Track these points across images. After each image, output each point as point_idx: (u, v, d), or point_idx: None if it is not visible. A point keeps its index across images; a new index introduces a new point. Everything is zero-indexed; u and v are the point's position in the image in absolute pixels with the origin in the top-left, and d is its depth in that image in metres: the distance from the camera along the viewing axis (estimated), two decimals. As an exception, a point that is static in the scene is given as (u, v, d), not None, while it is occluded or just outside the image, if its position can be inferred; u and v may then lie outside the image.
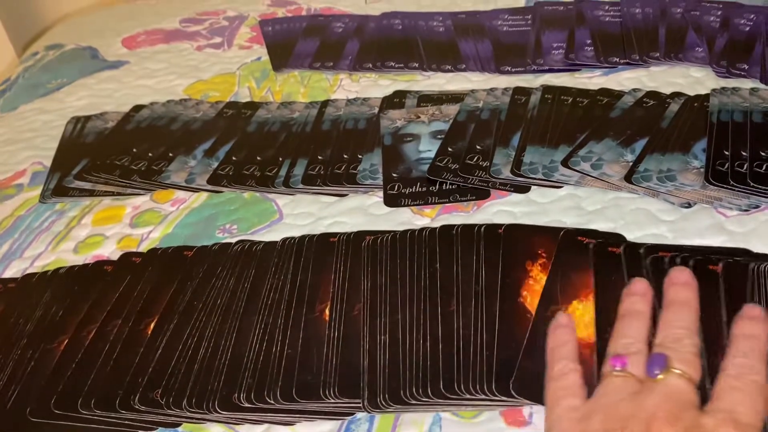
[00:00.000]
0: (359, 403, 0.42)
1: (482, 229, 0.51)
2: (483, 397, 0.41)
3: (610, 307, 0.43)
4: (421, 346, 0.44)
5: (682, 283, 0.42)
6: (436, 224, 0.54)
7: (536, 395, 0.40)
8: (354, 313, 0.47)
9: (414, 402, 0.41)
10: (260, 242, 0.54)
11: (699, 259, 0.45)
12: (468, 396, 0.41)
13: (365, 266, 0.50)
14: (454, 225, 0.52)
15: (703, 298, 0.42)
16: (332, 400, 0.42)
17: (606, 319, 0.43)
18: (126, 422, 0.44)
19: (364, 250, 0.51)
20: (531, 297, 0.46)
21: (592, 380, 0.39)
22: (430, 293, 0.47)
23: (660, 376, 0.36)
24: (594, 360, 0.41)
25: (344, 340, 0.45)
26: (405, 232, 0.52)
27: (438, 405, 0.41)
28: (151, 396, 0.44)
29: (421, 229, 0.52)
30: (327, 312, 0.47)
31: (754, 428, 0.34)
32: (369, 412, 0.42)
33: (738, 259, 0.46)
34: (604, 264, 0.47)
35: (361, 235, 0.53)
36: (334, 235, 0.54)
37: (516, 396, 0.40)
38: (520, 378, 0.41)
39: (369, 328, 0.46)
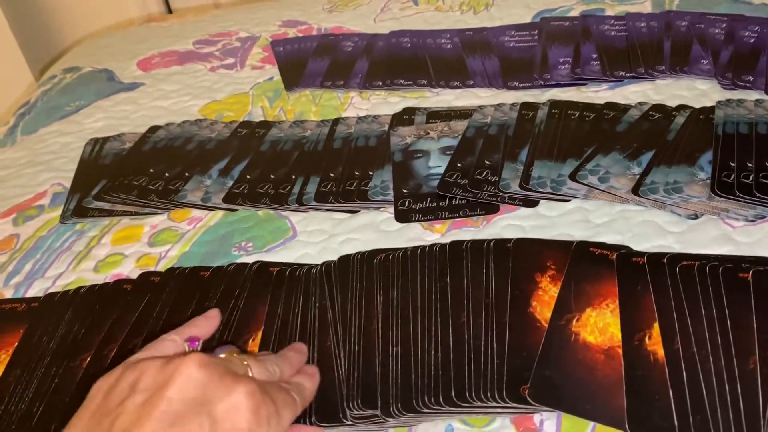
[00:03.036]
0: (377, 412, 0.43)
1: (491, 244, 0.52)
2: (494, 404, 0.42)
3: (635, 315, 0.45)
4: (432, 357, 0.45)
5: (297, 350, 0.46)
6: (447, 239, 0.55)
7: (553, 402, 0.41)
8: (372, 328, 0.48)
9: (426, 410, 0.42)
10: (276, 264, 0.56)
11: (729, 267, 0.46)
12: (479, 404, 0.42)
13: (377, 282, 0.51)
14: (464, 241, 0.53)
15: (734, 306, 0.44)
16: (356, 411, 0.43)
17: (632, 327, 0.44)
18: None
19: (376, 267, 0.52)
20: (541, 307, 0.47)
21: (621, 380, 0.41)
22: (441, 306, 0.48)
23: (222, 355, 0.40)
24: (621, 363, 0.43)
25: (364, 353, 0.46)
26: (416, 248, 0.53)
27: (449, 413, 0.42)
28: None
29: (432, 246, 0.53)
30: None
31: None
32: (384, 421, 0.43)
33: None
34: (628, 274, 0.48)
35: (374, 253, 0.54)
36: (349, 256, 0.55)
37: (533, 403, 0.41)
38: (536, 386, 0.42)
39: (381, 340, 0.47)
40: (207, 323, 0.46)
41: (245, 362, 0.39)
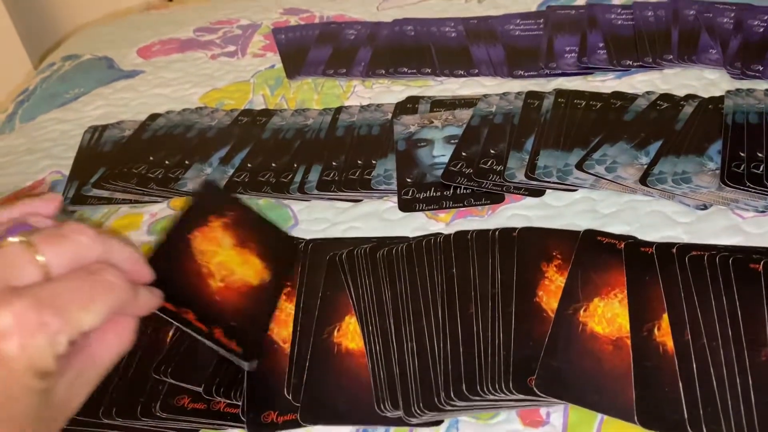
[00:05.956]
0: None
1: (497, 233, 0.51)
2: (503, 396, 0.41)
3: (643, 306, 0.44)
4: (442, 351, 0.44)
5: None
6: (451, 229, 0.54)
7: (560, 393, 0.40)
8: (386, 325, 0.47)
9: (449, 408, 0.41)
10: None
11: (739, 258, 0.46)
12: (491, 396, 0.41)
13: (383, 276, 0.50)
14: (469, 231, 0.52)
15: (745, 297, 0.43)
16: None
17: (641, 317, 0.43)
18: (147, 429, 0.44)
19: (381, 261, 0.51)
20: (547, 297, 0.46)
21: (629, 371, 0.41)
22: (449, 298, 0.47)
23: (11, 240, 0.31)
24: (630, 354, 0.42)
25: (384, 352, 0.45)
26: (419, 240, 0.52)
27: (467, 409, 0.41)
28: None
29: (436, 236, 0.52)
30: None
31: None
32: (407, 423, 0.42)
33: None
34: (636, 263, 0.47)
35: (376, 248, 0.52)
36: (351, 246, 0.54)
37: (540, 395, 0.41)
38: (543, 376, 0.41)
39: (395, 338, 0.46)
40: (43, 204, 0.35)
41: (37, 253, 0.30)
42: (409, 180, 0.60)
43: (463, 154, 0.62)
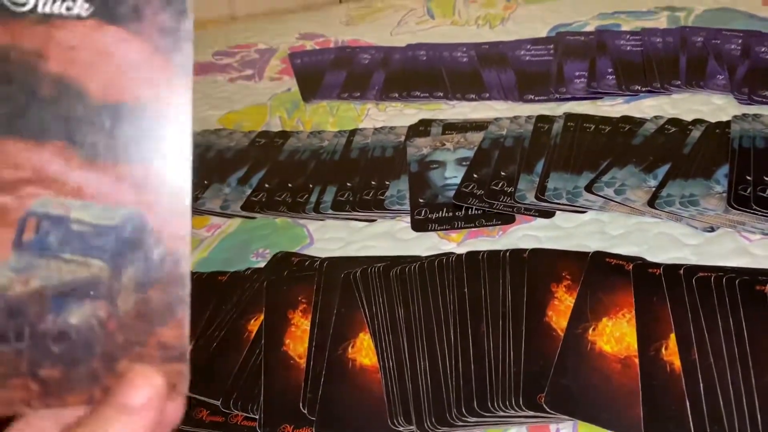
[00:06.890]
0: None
1: (507, 254, 0.53)
2: (513, 413, 0.42)
3: (651, 326, 0.45)
4: (453, 367, 0.45)
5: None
6: (463, 249, 0.55)
7: (569, 410, 0.41)
8: (399, 343, 0.48)
9: (461, 423, 0.42)
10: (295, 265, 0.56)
11: (746, 279, 0.47)
12: (502, 413, 0.42)
13: (396, 295, 0.51)
14: (480, 251, 0.53)
15: (751, 318, 0.44)
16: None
17: (649, 337, 0.44)
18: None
19: (394, 280, 0.53)
20: (557, 316, 0.47)
21: (637, 389, 0.41)
22: (461, 317, 0.48)
23: None
24: (638, 372, 0.43)
25: (397, 368, 0.46)
26: (432, 260, 0.53)
27: (478, 424, 0.42)
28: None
29: (448, 255, 0.54)
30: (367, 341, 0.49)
31: None
32: None
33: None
34: (644, 284, 0.48)
35: (389, 267, 0.54)
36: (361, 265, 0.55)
37: (550, 412, 0.42)
38: (553, 393, 0.42)
39: (408, 354, 0.47)
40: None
41: None
42: (421, 201, 0.62)
43: (475, 175, 0.63)
